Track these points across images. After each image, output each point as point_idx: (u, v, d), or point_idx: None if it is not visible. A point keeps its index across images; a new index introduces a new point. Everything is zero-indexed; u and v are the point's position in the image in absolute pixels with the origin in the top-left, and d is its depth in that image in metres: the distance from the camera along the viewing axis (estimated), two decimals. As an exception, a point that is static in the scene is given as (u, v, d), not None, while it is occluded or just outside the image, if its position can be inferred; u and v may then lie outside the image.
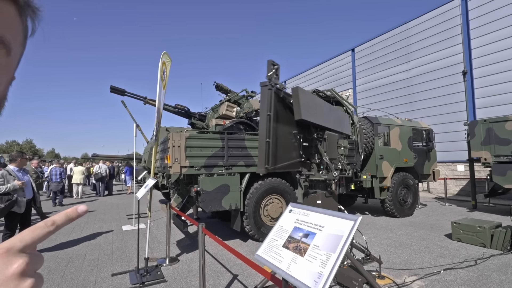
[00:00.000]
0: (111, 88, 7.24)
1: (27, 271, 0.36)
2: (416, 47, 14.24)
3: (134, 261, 4.70)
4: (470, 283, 3.75)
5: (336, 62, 19.33)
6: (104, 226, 7.72)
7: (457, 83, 12.47)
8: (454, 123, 12.46)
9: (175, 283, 3.99)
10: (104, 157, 16.53)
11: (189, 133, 5.69)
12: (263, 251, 1.66)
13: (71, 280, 4.16)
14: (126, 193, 15.98)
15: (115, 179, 21.09)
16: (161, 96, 4.98)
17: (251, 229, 5.69)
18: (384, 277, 3.92)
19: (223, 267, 4.52)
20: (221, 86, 8.59)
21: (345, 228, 1.36)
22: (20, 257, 0.36)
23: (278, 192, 6.01)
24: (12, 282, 0.34)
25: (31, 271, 0.37)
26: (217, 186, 5.41)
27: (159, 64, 4.85)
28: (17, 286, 0.34)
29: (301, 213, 1.65)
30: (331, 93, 7.99)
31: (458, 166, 12.39)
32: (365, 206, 9.67)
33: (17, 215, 4.73)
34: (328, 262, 1.26)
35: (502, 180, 7.47)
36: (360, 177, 7.74)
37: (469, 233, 5.38)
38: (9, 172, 4.73)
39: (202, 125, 8.24)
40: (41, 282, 0.39)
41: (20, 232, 1.08)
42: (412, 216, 8.13)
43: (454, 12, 12.75)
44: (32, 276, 0.37)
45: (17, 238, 0.38)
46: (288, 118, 4.45)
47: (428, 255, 4.84)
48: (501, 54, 11.15)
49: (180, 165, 5.24)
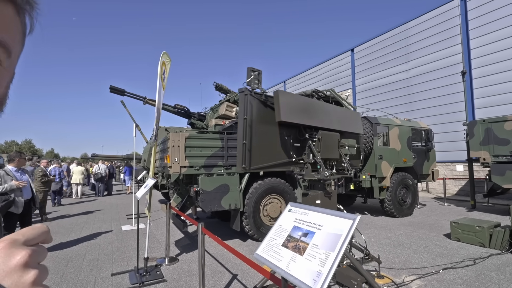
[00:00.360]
0: (111, 88, 7.25)
1: (30, 263, 0.37)
2: (415, 47, 14.27)
3: (134, 261, 4.70)
4: (468, 283, 3.76)
5: (336, 62, 19.35)
6: (103, 226, 7.72)
7: (456, 83, 12.50)
8: (453, 123, 12.49)
9: (174, 283, 3.99)
10: (103, 157, 16.53)
11: (188, 133, 5.70)
12: (262, 250, 1.66)
13: (71, 280, 4.16)
14: (125, 193, 15.97)
15: (114, 179, 21.06)
16: (161, 96, 4.99)
17: (251, 229, 5.69)
18: (383, 276, 3.93)
19: (223, 267, 4.53)
20: (220, 86, 8.60)
21: (344, 227, 1.37)
22: (22, 249, 0.37)
23: (278, 192, 6.01)
24: (16, 273, 0.35)
25: (34, 262, 0.38)
26: (217, 186, 5.41)
27: (159, 64, 4.85)
28: (20, 277, 0.35)
29: (300, 212, 1.66)
30: (330, 93, 8.00)
31: (457, 166, 12.42)
32: (365, 206, 9.69)
33: (15, 216, 4.70)
34: (327, 261, 1.27)
35: (501, 180, 7.49)
36: (359, 177, 7.75)
37: (468, 232, 5.39)
38: (7, 172, 4.71)
39: (201, 125, 8.24)
40: (46, 273, 0.39)
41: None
42: (411, 216, 8.15)
43: (454, 13, 12.78)
44: (36, 268, 0.37)
45: (19, 232, 0.39)
46: (272, 120, 4.51)
47: (427, 255, 4.85)
48: (500, 55, 11.18)
49: (180, 165, 5.25)
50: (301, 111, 4.44)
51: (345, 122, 6.41)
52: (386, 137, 8.21)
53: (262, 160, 4.19)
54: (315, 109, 5.04)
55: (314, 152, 4.71)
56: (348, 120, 6.50)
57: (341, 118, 6.33)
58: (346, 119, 6.49)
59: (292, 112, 4.16)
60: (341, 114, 6.48)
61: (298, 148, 4.60)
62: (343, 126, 6.25)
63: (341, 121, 6.29)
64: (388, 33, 15.73)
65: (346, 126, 6.33)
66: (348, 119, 6.53)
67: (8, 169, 4.82)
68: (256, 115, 4.03)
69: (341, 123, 6.27)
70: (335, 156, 5.76)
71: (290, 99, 4.32)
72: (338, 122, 6.17)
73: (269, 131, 4.21)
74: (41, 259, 0.39)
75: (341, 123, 6.26)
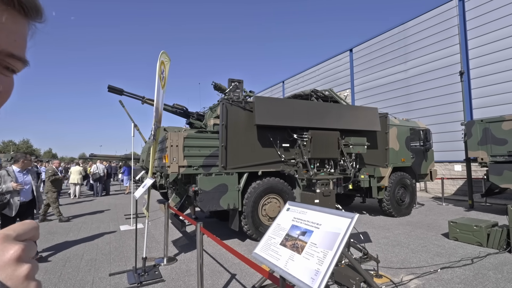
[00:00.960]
0: (109, 87, 7.22)
1: (23, 257, 0.37)
2: (413, 47, 14.31)
3: (132, 261, 4.69)
4: (466, 282, 3.78)
5: (334, 62, 19.38)
6: (101, 226, 7.69)
7: (454, 83, 12.54)
8: (451, 123, 12.53)
9: (173, 283, 3.98)
10: (101, 157, 16.48)
11: (187, 132, 5.69)
12: (260, 249, 1.66)
13: (69, 280, 4.15)
14: (124, 193, 15.93)
15: (112, 179, 21.00)
16: (160, 95, 4.97)
17: (249, 228, 5.69)
18: (382, 276, 3.94)
19: (221, 267, 4.52)
20: (219, 86, 8.57)
21: (342, 225, 1.37)
22: (15, 244, 0.38)
23: (276, 192, 6.01)
24: (10, 267, 0.36)
25: (27, 257, 0.39)
26: (215, 185, 5.40)
27: (157, 64, 4.84)
28: (14, 271, 0.36)
29: (298, 211, 1.66)
30: (329, 93, 8.01)
31: (455, 166, 12.46)
32: (363, 205, 9.70)
33: (9, 218, 4.58)
34: (325, 260, 1.27)
35: (499, 180, 7.52)
36: (358, 177, 7.76)
37: (466, 232, 5.41)
38: (9, 173, 4.66)
39: (200, 124, 8.23)
40: (37, 268, 0.40)
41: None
42: (409, 215, 8.17)
43: (452, 13, 12.82)
44: (28, 262, 0.38)
45: (10, 228, 0.40)
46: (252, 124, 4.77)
47: (425, 254, 4.86)
48: (498, 55, 11.23)
49: (178, 165, 5.24)
50: (282, 113, 4.65)
51: (351, 120, 6.33)
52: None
53: (243, 160, 4.58)
54: (302, 110, 5.11)
55: (303, 152, 4.85)
56: (357, 117, 6.42)
57: (345, 116, 6.27)
58: (353, 117, 6.42)
59: (269, 115, 4.50)
60: (345, 112, 6.41)
61: (288, 148, 4.79)
62: (347, 124, 6.19)
63: (345, 119, 6.22)
64: (387, 33, 15.77)
65: (352, 124, 6.27)
66: (356, 116, 6.45)
67: (11, 169, 4.75)
68: (237, 121, 4.50)
69: (345, 121, 6.21)
70: (332, 155, 5.75)
71: (268, 103, 4.64)
72: (340, 120, 6.12)
73: (251, 134, 4.56)
74: (31, 254, 0.40)
75: (344, 121, 6.19)
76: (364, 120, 6.57)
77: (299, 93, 7.51)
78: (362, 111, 6.86)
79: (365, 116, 6.60)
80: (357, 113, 6.69)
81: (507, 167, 7.34)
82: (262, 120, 4.38)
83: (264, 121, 4.41)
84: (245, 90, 8.51)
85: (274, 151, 5.01)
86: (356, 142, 6.36)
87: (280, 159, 5.05)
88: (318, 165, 5.89)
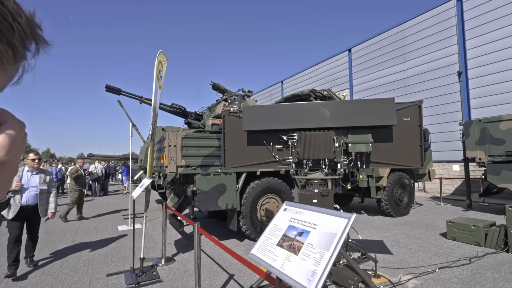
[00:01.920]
0: (107, 87, 7.20)
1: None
2: (412, 47, 14.33)
3: (130, 261, 4.67)
4: (464, 282, 3.78)
5: (333, 62, 19.38)
6: (99, 226, 7.66)
7: (453, 83, 12.56)
8: (449, 123, 12.55)
9: (170, 283, 3.97)
10: (100, 157, 16.41)
11: (185, 132, 5.67)
12: (257, 250, 1.65)
13: (65, 280, 4.12)
14: (122, 193, 15.88)
15: (111, 179, 20.93)
16: (157, 95, 4.96)
17: (248, 228, 5.68)
18: (380, 276, 3.93)
19: (219, 267, 4.51)
20: (217, 86, 8.58)
21: (339, 226, 1.36)
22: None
23: (275, 192, 6.00)
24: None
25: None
26: (214, 185, 5.39)
27: (155, 63, 4.82)
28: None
29: (295, 212, 1.65)
30: (327, 93, 8.00)
31: (453, 166, 12.49)
32: (362, 205, 9.71)
33: (13, 222, 4.36)
34: (321, 260, 1.26)
35: (496, 180, 7.54)
36: (356, 177, 7.76)
37: (464, 232, 5.42)
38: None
39: (198, 124, 8.23)
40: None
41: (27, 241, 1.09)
42: (407, 215, 8.18)
43: (450, 13, 12.85)
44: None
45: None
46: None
47: (423, 254, 4.86)
48: (496, 55, 11.26)
49: (176, 165, 5.22)
50: (269, 118, 5.00)
51: (354, 116, 6.16)
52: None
53: (240, 161, 4.99)
54: (290, 112, 5.26)
55: (293, 153, 5.09)
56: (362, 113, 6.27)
57: (345, 113, 6.13)
58: (357, 112, 6.28)
59: (256, 121, 4.94)
60: (346, 109, 6.27)
61: (282, 149, 5.11)
62: (347, 122, 6.08)
63: (346, 116, 6.05)
64: (385, 33, 15.78)
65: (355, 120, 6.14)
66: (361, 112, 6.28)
67: (20, 169, 4.59)
68: (234, 129, 4.93)
69: (343, 119, 6.07)
70: (323, 156, 5.77)
71: (255, 111, 5.05)
72: (336, 118, 6.02)
73: (246, 139, 5.06)
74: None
75: (342, 119, 6.06)
76: (372, 114, 6.35)
77: (298, 93, 7.49)
78: (370, 105, 6.59)
79: (374, 110, 6.38)
80: (363, 107, 6.46)
81: (504, 167, 7.36)
82: (249, 126, 4.84)
83: (250, 127, 4.87)
84: (243, 90, 8.51)
85: (269, 153, 5.25)
86: (354, 140, 6.22)
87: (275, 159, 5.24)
88: (312, 165, 5.90)
